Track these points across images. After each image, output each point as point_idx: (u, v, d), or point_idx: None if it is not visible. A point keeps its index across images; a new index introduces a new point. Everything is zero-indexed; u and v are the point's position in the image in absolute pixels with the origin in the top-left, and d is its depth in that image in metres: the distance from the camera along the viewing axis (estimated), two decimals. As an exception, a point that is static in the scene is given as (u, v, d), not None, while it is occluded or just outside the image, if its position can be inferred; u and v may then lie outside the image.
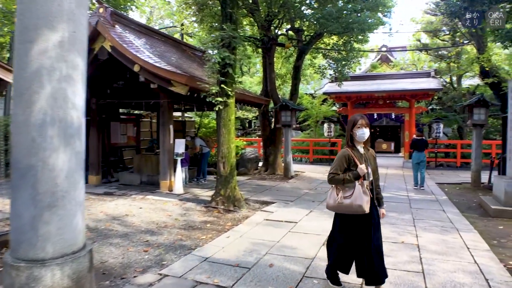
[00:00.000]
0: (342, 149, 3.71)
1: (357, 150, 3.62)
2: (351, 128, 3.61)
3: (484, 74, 12.11)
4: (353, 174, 3.47)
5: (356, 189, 3.43)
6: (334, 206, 3.60)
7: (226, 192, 7.61)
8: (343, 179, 3.48)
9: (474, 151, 11.17)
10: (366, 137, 3.59)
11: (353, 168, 3.51)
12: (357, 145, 3.65)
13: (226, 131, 7.57)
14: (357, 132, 3.55)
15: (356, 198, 3.41)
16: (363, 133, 3.55)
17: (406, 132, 17.00)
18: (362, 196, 3.41)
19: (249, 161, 14.12)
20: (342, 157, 3.57)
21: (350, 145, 3.65)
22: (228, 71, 7.38)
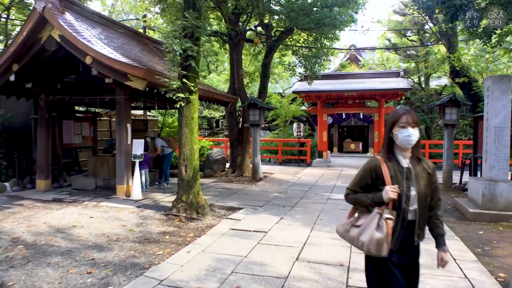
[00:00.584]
0: (371, 158, 2.57)
1: (395, 162, 2.44)
2: (390, 127, 2.45)
3: (454, 73, 11.97)
4: (373, 197, 2.40)
5: (368, 219, 2.40)
6: (340, 232, 2.63)
7: (189, 198, 6.88)
8: (359, 199, 2.48)
9: (446, 151, 10.96)
10: (413, 142, 2.39)
11: (381, 188, 2.39)
12: (399, 153, 2.46)
13: (189, 130, 6.85)
14: (398, 134, 2.38)
15: (363, 232, 2.39)
16: (408, 136, 2.36)
17: (376, 132, 16.81)
18: (372, 231, 2.34)
19: (215, 163, 13.40)
20: (367, 169, 2.49)
21: (387, 152, 2.48)
22: (191, 64, 6.67)
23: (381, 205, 2.37)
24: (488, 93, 7.63)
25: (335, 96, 16.41)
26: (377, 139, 16.77)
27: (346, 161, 19.69)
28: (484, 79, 8.07)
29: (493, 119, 7.45)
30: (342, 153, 25.69)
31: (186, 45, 6.42)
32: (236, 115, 13.54)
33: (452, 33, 12.38)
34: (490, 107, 7.52)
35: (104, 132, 13.71)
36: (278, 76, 23.59)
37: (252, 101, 11.61)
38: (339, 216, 6.99)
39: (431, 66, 15.61)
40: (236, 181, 11.87)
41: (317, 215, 7.03)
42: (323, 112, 17.27)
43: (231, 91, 13.32)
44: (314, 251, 4.94)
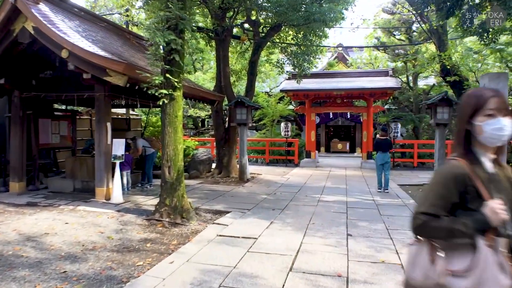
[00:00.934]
0: (448, 162, 1.76)
1: (481, 167, 1.69)
2: (469, 116, 1.70)
3: (445, 72, 11.77)
4: (474, 221, 1.59)
5: (481, 257, 1.55)
6: (424, 285, 1.68)
7: (173, 201, 6.43)
8: (451, 229, 1.61)
9: (437, 152, 10.72)
10: (506, 138, 1.66)
11: (473, 206, 1.64)
12: (481, 154, 1.72)
13: (172, 129, 6.40)
14: (485, 126, 1.65)
15: (482, 282, 1.53)
16: (500, 129, 1.64)
17: (364, 131, 16.55)
18: (496, 278, 1.52)
19: (201, 163, 12.95)
20: (450, 179, 1.67)
21: (465, 153, 1.72)
22: (175, 58, 6.22)
23: (483, 233, 1.59)
24: (484, 91, 7.38)
25: (323, 95, 16.10)
26: (365, 139, 16.52)
27: (334, 161, 19.44)
28: (480, 76, 7.83)
29: (489, 118, 7.20)
30: (329, 153, 25.48)
31: (169, 37, 5.97)
32: (223, 114, 13.11)
33: (443, 31, 12.18)
34: (486, 106, 7.27)
35: (84, 132, 13.14)
36: (265, 75, 23.21)
37: (239, 100, 11.20)
38: (332, 220, 6.63)
39: (421, 65, 15.42)
40: (222, 182, 11.44)
41: (308, 219, 6.65)
42: (311, 112, 16.95)
43: (218, 89, 12.90)
44: (309, 259, 4.56)
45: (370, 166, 15.97)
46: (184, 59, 10.40)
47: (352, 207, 7.86)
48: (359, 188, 10.60)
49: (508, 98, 14.64)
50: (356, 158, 21.84)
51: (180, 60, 6.33)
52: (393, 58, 17.56)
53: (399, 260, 4.57)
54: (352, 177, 13.14)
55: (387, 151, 10.18)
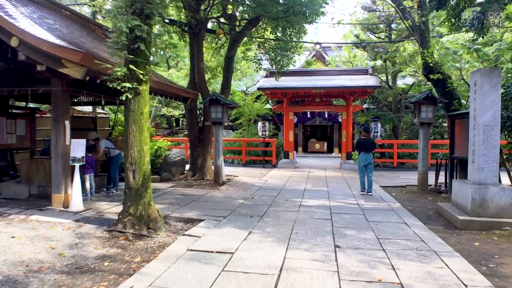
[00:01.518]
0: None
1: None
2: None
3: (428, 70, 11.36)
4: None
5: None
6: None
7: (138, 210, 5.67)
8: None
9: (421, 152, 10.32)
10: None
11: None
12: None
13: (137, 128, 5.63)
14: None
15: None
16: None
17: (344, 131, 16.12)
18: None
19: (174, 165, 12.14)
20: None
21: None
22: (140, 48, 5.45)
23: None
24: (476, 88, 6.94)
25: (302, 93, 15.55)
26: (345, 139, 16.09)
27: (312, 162, 18.96)
28: (471, 73, 7.39)
29: (481, 117, 6.76)
30: (307, 153, 25.08)
31: (133, 23, 5.20)
32: (197, 112, 12.35)
33: (425, 28, 11.79)
34: (478, 103, 6.82)
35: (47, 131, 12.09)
36: (242, 73, 22.53)
37: (214, 97, 10.48)
38: (316, 228, 6.02)
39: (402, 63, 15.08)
40: (196, 185, 10.69)
41: (291, 228, 6.01)
42: (290, 111, 16.39)
43: (191, 86, 12.13)
44: (295, 280, 3.91)
45: (350, 167, 15.55)
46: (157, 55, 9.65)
47: (336, 212, 7.27)
48: (341, 191, 10.07)
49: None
50: (334, 159, 21.47)
51: (146, 49, 5.56)
52: (373, 57, 17.20)
53: (397, 278, 3.98)
54: (332, 179, 12.62)
55: (369, 151, 9.72)
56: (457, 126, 9.70)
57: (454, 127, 9.84)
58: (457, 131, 9.72)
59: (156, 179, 11.29)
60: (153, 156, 12.28)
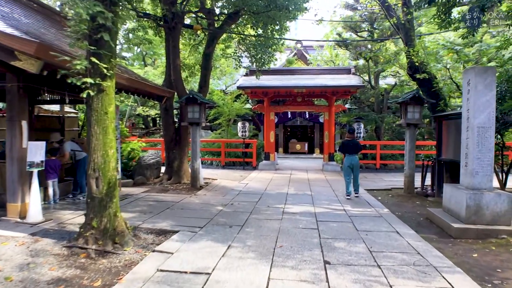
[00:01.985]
0: None
1: None
2: None
3: (413, 69, 11.01)
4: None
5: None
6: None
7: (102, 222, 4.99)
8: None
9: (408, 154, 9.93)
10: None
11: None
12: None
13: (101, 130, 4.95)
14: None
15: None
16: None
17: (326, 132, 15.69)
18: None
19: (148, 168, 11.41)
20: None
21: None
22: (103, 38, 4.78)
23: None
24: (469, 87, 6.54)
25: (283, 92, 15.04)
26: (327, 140, 15.66)
27: (294, 163, 18.49)
28: (464, 71, 6.99)
29: (476, 118, 6.36)
30: (287, 154, 24.63)
31: (95, 9, 4.53)
32: (173, 112, 11.66)
33: (410, 27, 11.46)
34: (472, 104, 6.42)
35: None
36: (221, 72, 21.89)
37: (191, 96, 9.82)
38: (303, 240, 5.47)
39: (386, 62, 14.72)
40: (172, 190, 10.01)
41: (274, 240, 5.45)
42: (270, 111, 15.85)
43: (167, 84, 11.43)
44: (282, 309, 3.34)
45: (332, 169, 15.14)
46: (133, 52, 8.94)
47: (322, 220, 6.75)
48: (326, 195, 9.58)
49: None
50: (316, 159, 21.07)
51: (110, 40, 4.89)
52: (355, 56, 16.84)
53: (399, 303, 3.47)
54: (315, 181, 12.14)
55: (354, 153, 9.36)
56: (445, 128, 9.36)
57: (442, 128, 9.50)
58: (444, 132, 9.38)
59: (128, 183, 10.56)
60: (125, 159, 11.53)
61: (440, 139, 9.51)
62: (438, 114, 9.67)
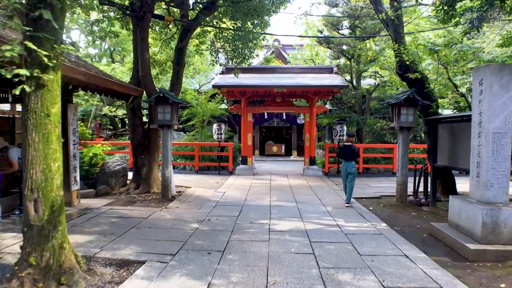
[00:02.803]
0: None
1: None
2: None
3: (404, 68, 10.27)
4: None
5: None
6: None
7: (42, 258, 3.83)
8: None
9: (400, 159, 9.14)
10: None
11: None
12: None
13: (41, 137, 3.79)
14: None
15: None
16: None
17: (307, 134, 14.80)
18: None
19: (113, 175, 10.16)
20: None
21: None
22: (43, 17, 3.62)
23: None
24: (482, 87, 5.74)
25: (262, 92, 14.05)
26: (308, 142, 14.78)
27: (272, 167, 17.55)
28: (475, 69, 6.19)
29: (491, 122, 5.56)
30: (264, 156, 23.68)
31: (29, -24, 3.38)
32: (141, 113, 10.44)
33: (399, 23, 10.72)
34: (486, 106, 5.62)
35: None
36: (195, 70, 20.69)
37: (162, 95, 8.66)
38: (299, 271, 4.48)
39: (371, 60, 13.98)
40: (140, 201, 8.83)
41: (265, 273, 4.42)
42: (248, 111, 14.83)
43: (135, 81, 10.23)
44: None
45: (314, 173, 14.28)
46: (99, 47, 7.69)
47: (317, 241, 5.78)
48: (313, 206, 8.64)
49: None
50: (294, 163, 20.22)
51: (54, 20, 3.72)
52: (337, 55, 16.05)
53: None
54: (298, 189, 11.21)
55: (351, 159, 8.80)
56: (441, 132, 8.63)
57: (437, 132, 8.77)
58: (441, 137, 8.65)
59: (90, 194, 9.29)
60: (87, 165, 10.25)
61: (435, 144, 8.77)
62: (433, 117, 8.93)
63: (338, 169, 14.83)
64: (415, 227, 6.95)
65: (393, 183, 11.84)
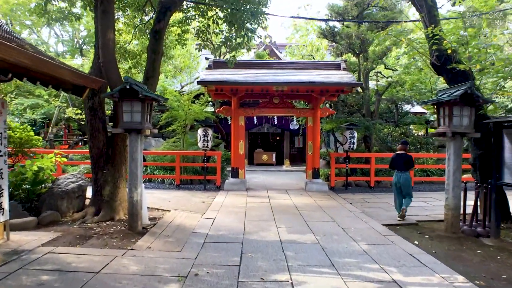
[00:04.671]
0: None
1: None
2: None
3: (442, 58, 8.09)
4: None
5: None
6: None
7: None
8: None
9: (452, 176, 6.86)
10: None
11: None
12: None
13: None
14: None
15: None
16: None
17: (309, 142, 12.44)
18: None
19: (65, 197, 7.57)
20: None
21: None
22: None
23: None
24: None
25: (258, 91, 11.63)
26: (311, 151, 12.44)
27: (266, 179, 15.14)
28: None
29: None
30: (252, 165, 21.25)
31: None
32: (104, 113, 7.92)
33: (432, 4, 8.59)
34: None
35: None
36: (176, 68, 18.15)
37: (129, 86, 6.13)
38: None
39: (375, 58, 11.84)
40: (97, 236, 6.28)
41: None
42: (240, 114, 12.41)
43: (96, 71, 7.71)
44: None
45: (318, 188, 11.96)
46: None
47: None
48: (339, 240, 6.27)
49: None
50: (289, 173, 17.89)
51: None
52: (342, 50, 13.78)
53: None
54: (307, 210, 8.83)
55: (404, 170, 7.98)
56: (508, 140, 6.41)
57: (501, 140, 6.54)
58: (507, 146, 6.42)
59: (29, 224, 6.71)
60: (28, 184, 7.65)
61: (500, 155, 6.53)
62: (494, 120, 6.71)
63: (344, 182, 12.55)
64: (503, 280, 4.65)
65: (419, 201, 9.90)
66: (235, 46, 8.00)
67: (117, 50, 11.35)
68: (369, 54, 13.68)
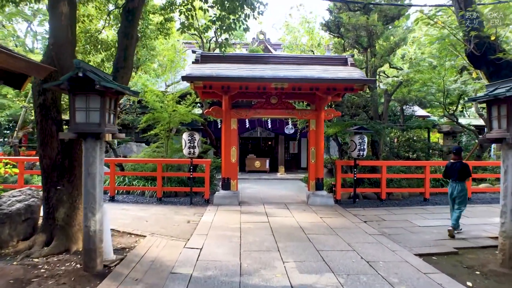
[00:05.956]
0: None
1: None
2: None
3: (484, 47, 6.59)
4: None
5: None
6: None
7: None
8: None
9: (510, 195, 5.28)
10: None
11: None
12: None
13: None
14: None
15: None
16: None
17: (312, 148, 10.81)
18: None
19: (6, 221, 5.79)
20: None
21: None
22: None
23: None
24: None
25: (255, 88, 9.92)
26: (313, 159, 10.81)
27: (260, 190, 13.46)
28: None
29: None
30: (244, 173, 19.56)
31: None
32: (59, 113, 6.17)
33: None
34: None
35: None
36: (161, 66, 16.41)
37: (82, 73, 4.39)
38: None
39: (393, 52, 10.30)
40: (40, 278, 4.52)
41: None
42: (232, 116, 10.73)
43: (48, 59, 5.96)
44: None
45: (323, 202, 10.34)
46: None
47: None
48: (372, 285, 4.61)
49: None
50: (284, 182, 16.24)
51: None
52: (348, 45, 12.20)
53: None
54: (316, 234, 7.17)
55: (458, 179, 7.28)
56: None
57: None
58: None
59: None
60: (-45, 204, 5.83)
61: None
62: None
63: (351, 194, 10.96)
64: None
65: (441, 217, 8.80)
66: (228, 26, 6.32)
67: (88, 40, 9.65)
68: (377, 50, 12.14)
